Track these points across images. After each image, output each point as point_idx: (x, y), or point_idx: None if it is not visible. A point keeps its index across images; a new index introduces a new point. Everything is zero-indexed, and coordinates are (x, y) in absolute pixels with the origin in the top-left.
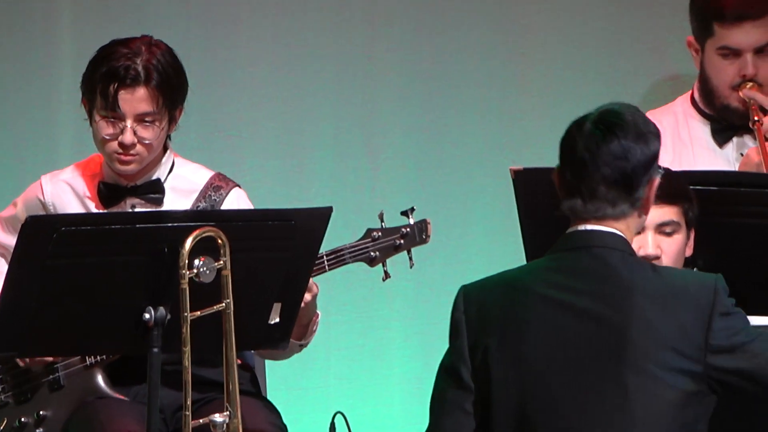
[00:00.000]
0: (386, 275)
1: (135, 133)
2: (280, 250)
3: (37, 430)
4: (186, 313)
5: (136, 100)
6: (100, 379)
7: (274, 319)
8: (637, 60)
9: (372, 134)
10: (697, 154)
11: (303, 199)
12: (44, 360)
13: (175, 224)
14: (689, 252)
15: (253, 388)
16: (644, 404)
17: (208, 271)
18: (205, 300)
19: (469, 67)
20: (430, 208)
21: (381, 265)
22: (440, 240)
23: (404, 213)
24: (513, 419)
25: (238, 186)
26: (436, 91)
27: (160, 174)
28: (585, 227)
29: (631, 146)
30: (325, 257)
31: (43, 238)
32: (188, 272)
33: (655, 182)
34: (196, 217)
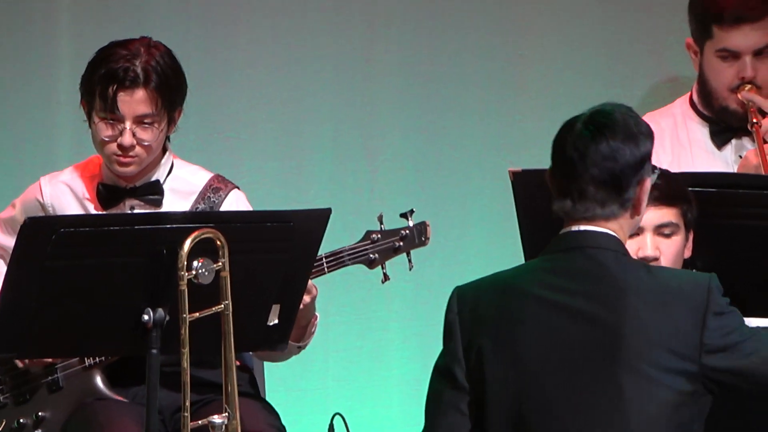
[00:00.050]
0: (385, 277)
1: (134, 134)
2: (278, 252)
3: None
4: (185, 315)
5: (135, 101)
6: (98, 381)
7: (273, 320)
8: (636, 61)
9: (371, 136)
10: (696, 156)
11: (301, 200)
12: (43, 361)
13: (174, 226)
14: (688, 253)
15: (251, 389)
16: (639, 405)
17: (206, 273)
18: (204, 301)
19: (467, 68)
20: (429, 210)
21: (380, 267)
22: (439, 241)
23: (403, 215)
24: (508, 420)
25: (237, 188)
26: (434, 92)
27: (159, 175)
28: (579, 228)
29: (620, 147)
30: (324, 259)
31: (42, 240)
32: (187, 274)
33: (646, 183)
34: (195, 218)
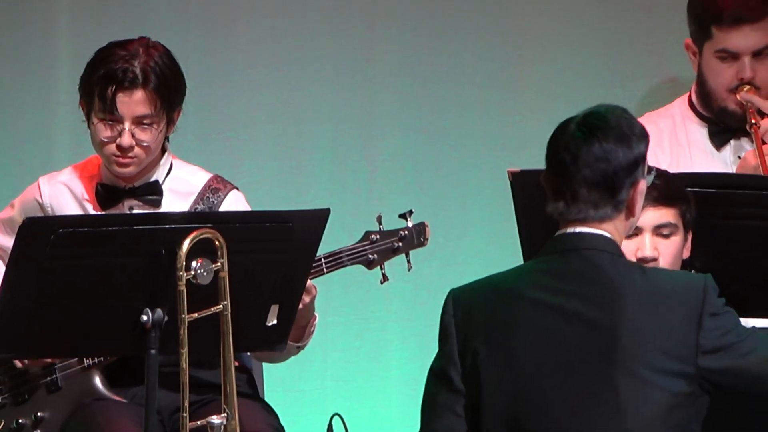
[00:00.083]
0: (384, 278)
1: (133, 135)
2: (277, 252)
3: None
4: (183, 315)
5: (133, 102)
6: (97, 381)
7: (272, 321)
8: (636, 62)
9: (370, 136)
10: (695, 156)
11: (301, 200)
12: (42, 361)
13: (173, 226)
14: (686, 254)
15: (250, 389)
16: (636, 406)
17: (205, 273)
18: (203, 302)
19: (467, 69)
20: (428, 210)
21: (379, 268)
22: (438, 242)
23: (402, 216)
24: (504, 422)
25: (236, 188)
26: (434, 93)
27: (158, 176)
28: (574, 230)
29: (612, 148)
30: (323, 260)
31: (40, 240)
32: (186, 274)
33: (640, 184)
34: (194, 218)
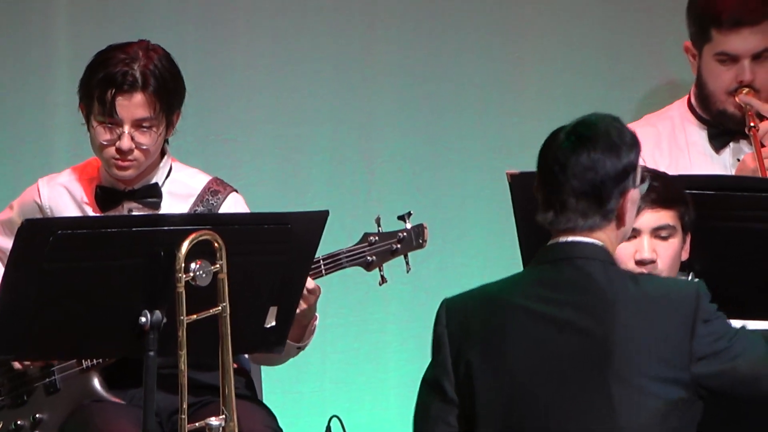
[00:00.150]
0: (383, 280)
1: (132, 138)
2: (276, 254)
3: None
4: (182, 317)
5: (133, 105)
6: (96, 383)
7: (270, 322)
8: (635, 64)
9: (368, 138)
10: (694, 159)
11: (299, 202)
12: (38, 363)
13: (172, 228)
14: (685, 256)
15: (248, 391)
16: (630, 414)
17: (204, 275)
18: (202, 303)
19: (466, 70)
20: (427, 212)
21: (377, 270)
22: (436, 243)
23: (401, 217)
24: None
25: (236, 191)
26: (432, 94)
27: (158, 178)
28: (566, 239)
29: (600, 158)
30: (322, 261)
31: (39, 242)
32: (185, 276)
33: (630, 194)
34: (193, 220)
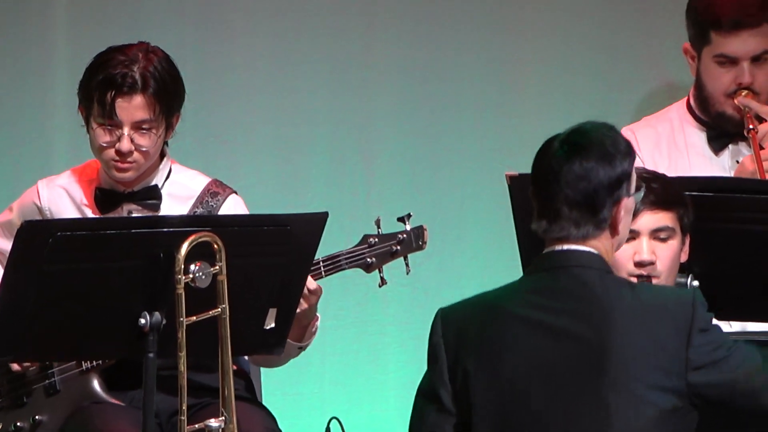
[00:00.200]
0: (382, 281)
1: (132, 140)
2: (275, 256)
3: None
4: (182, 318)
5: (133, 107)
6: (96, 384)
7: (270, 324)
8: (634, 65)
9: (368, 139)
10: (693, 161)
11: (298, 204)
12: (36, 365)
13: (171, 229)
14: (684, 258)
15: (248, 393)
16: (626, 422)
17: (203, 277)
18: (201, 305)
19: (465, 72)
20: (426, 214)
21: (377, 271)
22: (436, 245)
23: (401, 219)
24: None
25: (235, 192)
26: (432, 95)
27: (158, 180)
28: (561, 247)
29: (593, 167)
30: (322, 263)
31: (39, 243)
32: (184, 277)
33: (623, 203)
34: (192, 222)
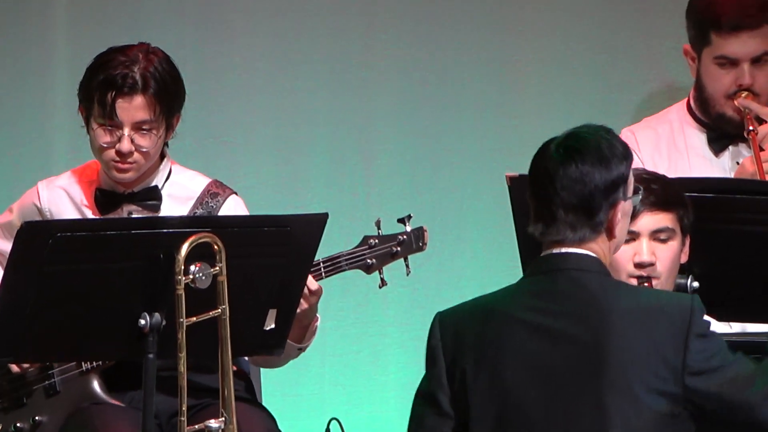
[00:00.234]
0: (383, 282)
1: (132, 141)
2: (275, 257)
3: None
4: (182, 319)
5: (133, 108)
6: (95, 385)
7: (270, 325)
8: (634, 66)
9: (367, 140)
10: (693, 162)
11: (298, 205)
12: (35, 366)
13: (171, 230)
14: (684, 259)
15: (248, 394)
16: (623, 425)
17: (203, 277)
18: (201, 306)
19: (464, 73)
20: (426, 214)
21: (377, 272)
22: (435, 246)
23: (401, 220)
24: None
25: (235, 193)
26: (432, 96)
27: (158, 181)
28: (560, 250)
29: (589, 170)
30: (322, 264)
31: (39, 244)
32: (184, 278)
33: (620, 206)
34: (192, 223)
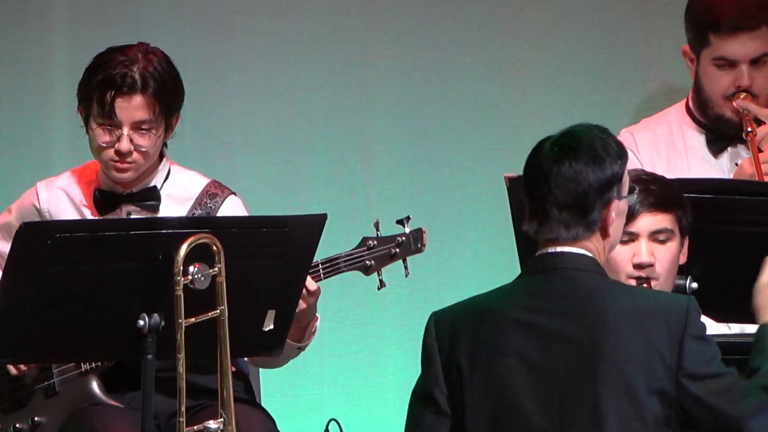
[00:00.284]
0: (381, 284)
1: (131, 140)
2: (274, 257)
3: None
4: (180, 320)
5: (132, 107)
6: (94, 386)
7: (269, 326)
8: (633, 67)
9: (367, 140)
10: (692, 163)
11: (297, 205)
12: (33, 368)
13: (170, 231)
14: (683, 259)
15: (247, 395)
16: (619, 424)
17: (202, 278)
18: (200, 307)
19: (463, 74)
20: (425, 215)
21: (376, 274)
22: (434, 247)
23: (400, 222)
24: None
25: (234, 194)
26: (431, 97)
27: (156, 181)
28: (554, 249)
29: (582, 169)
30: (321, 265)
31: (37, 245)
32: (183, 279)
33: (614, 205)
34: (191, 223)
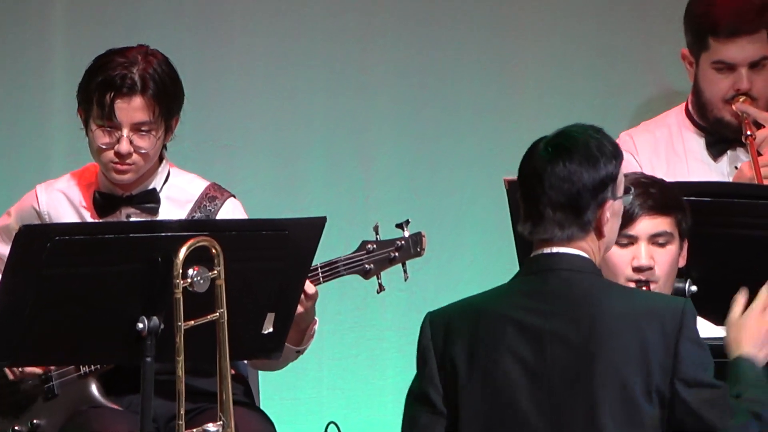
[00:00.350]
0: (380, 288)
1: (131, 142)
2: (273, 260)
3: None
4: (180, 323)
5: (132, 109)
6: (94, 388)
7: (268, 329)
8: (632, 71)
9: (365, 144)
10: (691, 166)
11: (296, 208)
12: (34, 371)
13: (170, 234)
14: (682, 263)
15: (246, 398)
16: (615, 425)
17: (202, 281)
18: (199, 309)
19: (462, 77)
20: (424, 218)
21: (375, 277)
22: (433, 249)
23: (399, 225)
24: None
25: (233, 196)
26: (430, 99)
27: (156, 184)
28: (551, 250)
29: (577, 169)
30: (320, 269)
31: (37, 248)
32: (182, 282)
33: (608, 205)
34: (190, 226)
